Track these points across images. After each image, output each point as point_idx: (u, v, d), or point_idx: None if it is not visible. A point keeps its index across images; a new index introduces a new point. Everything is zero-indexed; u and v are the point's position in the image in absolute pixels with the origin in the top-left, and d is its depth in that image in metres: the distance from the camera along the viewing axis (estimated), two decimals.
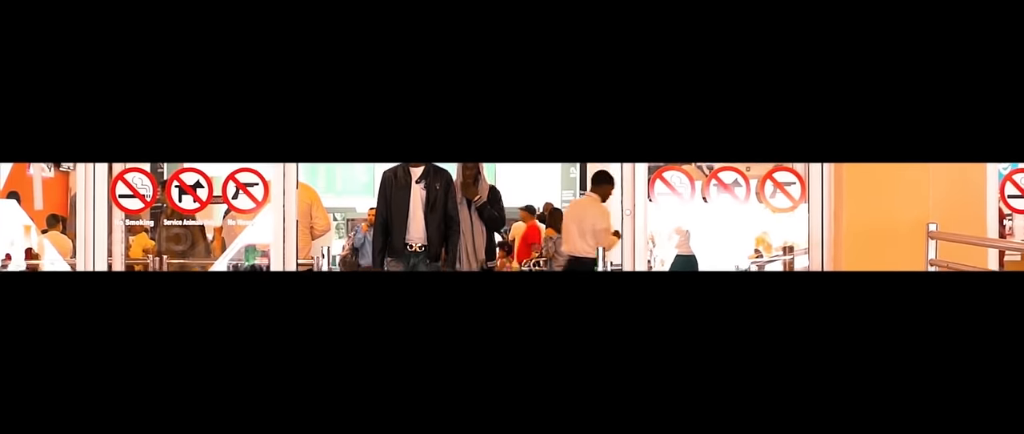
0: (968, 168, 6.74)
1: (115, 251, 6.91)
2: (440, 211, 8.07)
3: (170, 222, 7.80)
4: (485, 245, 8.52)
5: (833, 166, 6.83)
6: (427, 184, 8.03)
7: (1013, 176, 6.95)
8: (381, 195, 8.14)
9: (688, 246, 10.10)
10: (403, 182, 8.04)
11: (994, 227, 6.92)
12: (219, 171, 7.00)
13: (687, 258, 10.14)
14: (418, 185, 8.01)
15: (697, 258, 10.10)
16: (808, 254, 6.97)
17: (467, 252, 8.33)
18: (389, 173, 8.12)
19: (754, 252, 8.92)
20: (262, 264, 7.72)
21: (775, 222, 7.42)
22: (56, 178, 17.31)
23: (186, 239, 8.45)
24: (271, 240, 6.93)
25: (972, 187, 6.79)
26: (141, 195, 6.88)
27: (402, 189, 8.04)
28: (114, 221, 6.89)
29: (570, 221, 8.60)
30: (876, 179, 6.70)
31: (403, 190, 8.04)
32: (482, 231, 8.46)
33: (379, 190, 8.18)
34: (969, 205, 6.76)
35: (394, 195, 8.07)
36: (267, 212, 6.96)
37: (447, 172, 8.13)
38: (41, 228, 12.83)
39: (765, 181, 6.95)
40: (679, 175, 6.97)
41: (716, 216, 7.39)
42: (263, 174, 6.92)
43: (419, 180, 8.02)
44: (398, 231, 8.01)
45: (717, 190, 6.97)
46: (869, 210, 6.71)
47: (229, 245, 8.18)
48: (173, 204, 6.96)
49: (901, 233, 6.59)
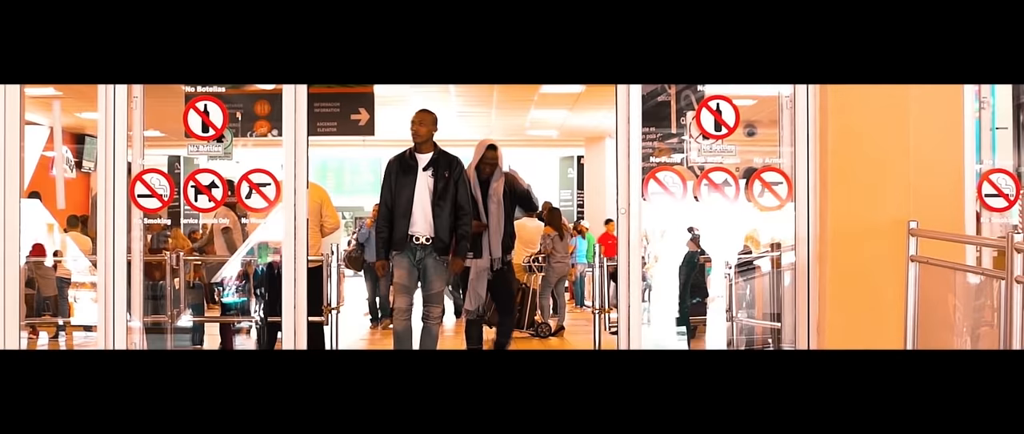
0: (948, 167, 6.76)
1: (134, 249, 6.92)
2: (450, 201, 7.19)
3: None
4: (501, 239, 7.85)
5: (818, 168, 6.85)
6: (436, 172, 7.23)
7: (990, 176, 6.97)
8: (385, 184, 7.36)
9: (695, 244, 10.16)
10: (409, 169, 7.26)
11: (973, 224, 6.94)
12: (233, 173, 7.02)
13: (691, 254, 10.20)
14: (426, 173, 7.24)
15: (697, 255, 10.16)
16: (794, 250, 6.99)
17: (492, 245, 7.69)
18: (394, 159, 7.37)
19: (743, 249, 8.94)
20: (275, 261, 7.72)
21: (763, 220, 7.43)
22: (78, 179, 17.34)
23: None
24: (282, 238, 6.95)
25: (952, 185, 6.81)
26: (159, 195, 6.89)
27: (408, 177, 7.24)
28: (133, 220, 6.91)
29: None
30: (859, 178, 6.72)
31: (409, 178, 7.23)
32: (500, 224, 7.78)
33: (383, 178, 7.46)
34: (949, 203, 6.78)
35: (398, 183, 7.24)
36: (278, 211, 6.98)
37: (458, 159, 7.37)
38: (63, 227, 12.88)
39: (754, 181, 6.97)
40: (672, 175, 6.98)
41: (707, 214, 7.41)
42: (275, 175, 6.93)
43: (426, 167, 7.25)
44: (402, 223, 7.19)
45: (708, 189, 6.99)
46: (853, 208, 6.73)
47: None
48: (190, 203, 6.98)
49: (883, 230, 6.60)
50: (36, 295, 11.74)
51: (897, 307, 6.51)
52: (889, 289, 6.56)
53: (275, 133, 7.05)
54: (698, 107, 7.00)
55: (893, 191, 6.68)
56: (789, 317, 7.09)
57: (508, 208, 7.94)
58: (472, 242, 7.54)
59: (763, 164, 7.04)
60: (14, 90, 6.79)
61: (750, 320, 8.35)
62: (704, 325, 10.48)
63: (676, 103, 8.02)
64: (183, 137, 6.97)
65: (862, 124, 6.72)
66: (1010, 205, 7.01)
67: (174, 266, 8.43)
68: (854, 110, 6.74)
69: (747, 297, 8.62)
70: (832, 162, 6.77)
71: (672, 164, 7.20)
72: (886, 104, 6.69)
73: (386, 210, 7.29)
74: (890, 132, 6.70)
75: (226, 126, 6.99)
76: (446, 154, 7.34)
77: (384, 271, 7.73)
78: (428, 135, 7.34)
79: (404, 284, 7.33)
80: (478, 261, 7.69)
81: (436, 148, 7.35)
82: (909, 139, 6.67)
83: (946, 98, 6.76)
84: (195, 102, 6.96)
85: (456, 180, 7.23)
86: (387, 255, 7.38)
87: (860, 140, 6.73)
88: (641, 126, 6.89)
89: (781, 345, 7.23)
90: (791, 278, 7.06)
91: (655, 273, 11.50)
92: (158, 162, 7.58)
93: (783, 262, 7.27)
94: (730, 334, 8.35)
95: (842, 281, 6.74)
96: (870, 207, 6.69)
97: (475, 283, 7.75)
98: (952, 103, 6.79)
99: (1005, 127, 8.02)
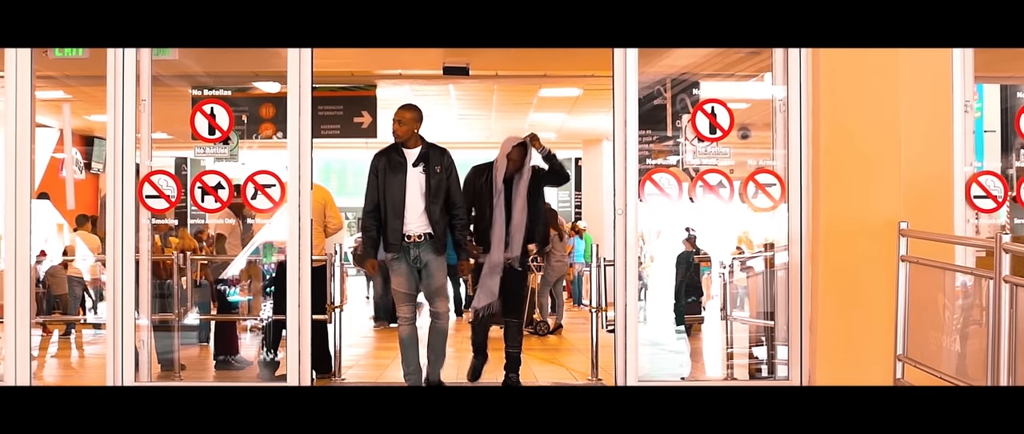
0: (937, 169, 6.77)
1: (142, 248, 6.92)
2: (442, 197, 6.83)
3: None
4: (523, 235, 7.27)
5: (810, 169, 6.86)
6: (426, 167, 6.82)
7: (978, 178, 6.97)
8: (371, 182, 6.92)
9: (691, 244, 10.17)
10: (398, 166, 6.85)
11: (961, 225, 6.95)
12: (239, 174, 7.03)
13: (687, 254, 10.21)
14: (416, 169, 6.84)
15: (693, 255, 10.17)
16: (788, 250, 7.00)
17: (512, 244, 7.22)
18: (381, 155, 6.94)
19: (737, 249, 8.94)
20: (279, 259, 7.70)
21: (757, 221, 7.44)
22: (87, 180, 17.35)
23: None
24: (287, 238, 6.95)
25: (941, 187, 6.82)
26: (166, 195, 6.90)
27: (397, 175, 6.83)
28: (141, 220, 6.91)
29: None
30: (851, 180, 6.73)
31: (398, 176, 6.83)
32: (523, 224, 7.25)
33: (369, 174, 6.98)
34: (938, 204, 6.79)
35: (387, 182, 6.83)
36: (283, 211, 6.98)
37: (448, 151, 6.98)
38: (72, 227, 12.88)
39: (748, 183, 6.98)
40: (668, 177, 6.99)
41: (702, 215, 7.41)
42: (280, 176, 6.93)
43: (416, 163, 6.84)
44: (395, 223, 6.80)
45: (703, 191, 7.00)
46: (845, 209, 6.73)
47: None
48: (196, 204, 6.98)
49: (875, 230, 6.61)
50: (47, 294, 11.74)
51: (888, 306, 6.52)
52: (880, 288, 6.56)
53: (280, 135, 7.05)
54: (693, 110, 7.01)
55: (884, 193, 6.69)
56: (782, 315, 7.10)
57: (533, 201, 7.38)
58: (478, 237, 7.25)
59: (757, 166, 7.06)
60: (25, 94, 6.80)
61: (744, 318, 8.36)
62: (700, 323, 10.50)
63: (672, 106, 8.02)
64: (190, 139, 6.98)
65: (854, 127, 6.73)
66: (998, 206, 7.02)
67: (181, 265, 8.44)
68: (846, 113, 6.75)
69: (741, 296, 8.63)
70: (824, 164, 6.78)
71: (668, 166, 7.21)
72: (877, 108, 6.70)
73: (372, 207, 6.89)
74: (881, 135, 6.71)
75: (232, 129, 7.00)
76: (435, 147, 6.93)
77: (375, 270, 7.27)
78: (408, 134, 6.88)
79: (404, 292, 7.00)
80: (490, 256, 7.24)
81: (423, 142, 6.93)
82: (900, 142, 6.68)
83: (936, 102, 6.77)
84: (202, 105, 6.97)
85: (448, 174, 6.85)
86: (375, 254, 7.00)
87: (852, 143, 6.74)
88: (638, 129, 6.90)
89: (775, 342, 7.24)
90: (784, 277, 7.07)
91: (651, 272, 11.52)
92: (165, 164, 7.55)
93: (776, 262, 7.27)
94: (725, 332, 8.36)
95: (834, 280, 6.75)
96: (862, 208, 6.70)
97: (487, 278, 7.30)
98: (941, 107, 6.80)
99: (993, 130, 8.04)
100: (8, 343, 6.81)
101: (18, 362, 6.80)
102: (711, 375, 8.89)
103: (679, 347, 10.18)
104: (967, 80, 6.94)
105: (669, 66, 7.89)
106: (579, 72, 11.90)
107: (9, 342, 6.81)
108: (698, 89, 7.94)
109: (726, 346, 8.33)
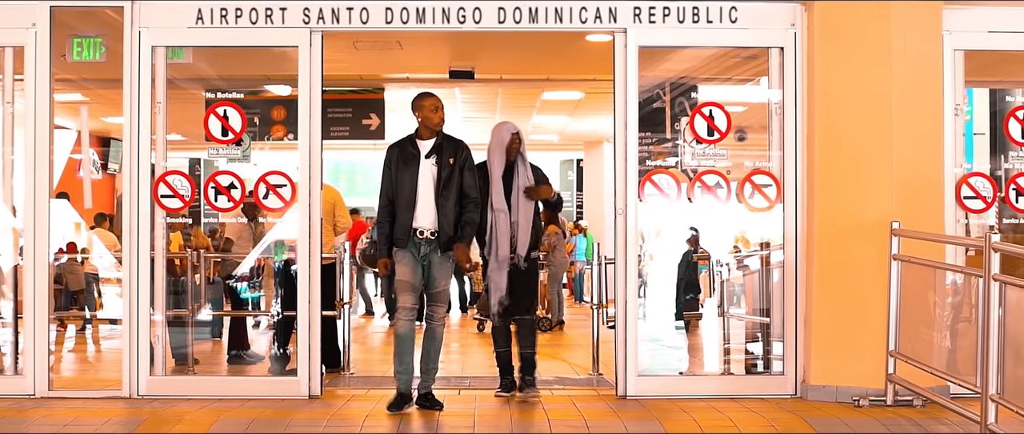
0: (928, 171, 6.77)
1: (157, 246, 6.94)
2: (454, 190, 6.37)
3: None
4: (529, 235, 6.91)
5: (805, 171, 6.86)
6: (439, 159, 6.37)
7: (968, 179, 6.97)
8: (386, 174, 6.49)
9: (691, 243, 10.17)
10: (411, 158, 6.40)
11: (952, 225, 6.95)
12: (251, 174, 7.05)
13: (687, 252, 10.22)
14: (429, 160, 6.40)
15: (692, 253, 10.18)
16: (783, 249, 7.01)
17: (519, 242, 6.83)
18: (394, 146, 6.51)
19: (734, 248, 8.96)
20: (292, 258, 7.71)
21: (753, 221, 7.44)
22: (104, 179, 17.38)
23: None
24: (297, 236, 6.97)
25: (932, 188, 6.82)
26: (181, 195, 6.92)
27: (410, 167, 6.38)
28: (156, 219, 6.93)
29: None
30: (845, 180, 6.73)
31: (411, 168, 6.37)
32: (529, 218, 6.88)
33: (384, 167, 6.56)
34: (929, 204, 6.79)
35: (400, 174, 6.38)
36: (294, 211, 7.00)
37: (464, 143, 6.51)
38: (90, 225, 12.92)
39: (744, 183, 6.99)
40: (667, 178, 7.00)
41: (700, 215, 7.42)
42: (291, 176, 6.95)
43: (429, 154, 6.40)
44: (405, 216, 6.36)
45: (701, 191, 7.01)
46: (839, 209, 6.74)
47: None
48: (210, 203, 7.00)
49: (867, 230, 6.61)
50: (64, 290, 11.78)
51: (880, 303, 6.52)
52: (873, 286, 6.57)
53: (291, 137, 7.06)
54: (692, 113, 7.02)
55: (877, 193, 6.69)
56: (777, 312, 7.11)
57: (530, 200, 6.96)
58: (478, 235, 6.81)
59: (753, 167, 7.06)
60: (44, 97, 6.82)
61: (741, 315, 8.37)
62: (698, 320, 10.51)
63: (671, 109, 8.03)
64: (204, 141, 7.00)
65: (847, 130, 6.73)
66: (987, 207, 7.02)
67: (195, 263, 8.46)
68: (840, 116, 6.75)
69: (738, 293, 8.64)
70: (819, 165, 6.78)
71: (667, 167, 7.22)
72: (870, 111, 6.70)
73: (387, 202, 6.46)
74: (874, 138, 6.70)
75: (244, 130, 7.01)
76: (451, 138, 6.47)
77: (387, 270, 6.73)
78: (443, 122, 6.51)
79: (408, 281, 6.47)
80: (497, 252, 6.82)
81: (438, 134, 6.50)
82: (892, 144, 6.68)
83: (927, 105, 6.77)
84: (215, 108, 6.99)
85: (462, 166, 6.40)
86: (389, 252, 6.51)
87: (845, 145, 6.74)
88: (638, 131, 6.91)
89: (771, 338, 7.24)
90: (780, 275, 7.08)
91: (650, 270, 11.53)
92: (180, 164, 7.56)
93: (772, 260, 7.28)
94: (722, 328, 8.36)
95: (828, 278, 6.75)
96: (855, 208, 6.70)
97: (495, 274, 6.89)
98: (932, 110, 6.80)
99: (983, 133, 8.04)
100: (27, 338, 6.83)
101: (37, 357, 6.81)
102: (709, 370, 8.90)
103: (678, 342, 10.19)
104: (958, 84, 6.95)
105: (668, 70, 7.90)
106: (581, 76, 11.89)
107: (28, 337, 6.82)
108: (696, 92, 7.95)
109: (723, 342, 8.33)
